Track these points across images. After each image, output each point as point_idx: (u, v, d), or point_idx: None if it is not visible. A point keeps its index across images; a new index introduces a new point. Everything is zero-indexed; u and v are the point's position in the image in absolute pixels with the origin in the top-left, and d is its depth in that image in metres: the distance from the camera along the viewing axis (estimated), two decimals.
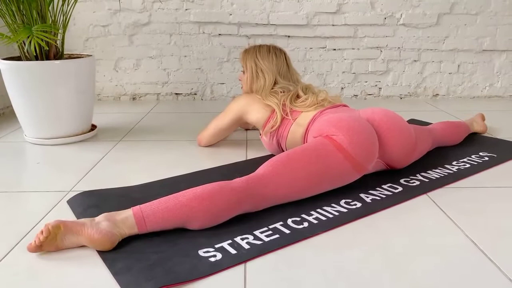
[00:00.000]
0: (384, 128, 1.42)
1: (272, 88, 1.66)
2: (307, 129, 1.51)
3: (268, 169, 1.24)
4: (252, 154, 1.75)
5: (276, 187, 1.21)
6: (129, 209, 1.11)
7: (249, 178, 1.21)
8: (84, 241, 1.04)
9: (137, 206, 1.11)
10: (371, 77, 2.84)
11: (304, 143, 1.51)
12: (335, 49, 2.76)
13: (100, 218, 1.08)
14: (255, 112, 1.65)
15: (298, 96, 1.64)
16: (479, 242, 1.09)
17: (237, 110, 1.71)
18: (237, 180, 1.20)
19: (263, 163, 1.29)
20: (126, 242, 1.07)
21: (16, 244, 1.09)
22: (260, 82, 1.68)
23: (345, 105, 1.62)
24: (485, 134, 2.02)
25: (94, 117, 2.12)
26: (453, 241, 1.10)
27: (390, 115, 1.47)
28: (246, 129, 2.12)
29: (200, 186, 1.15)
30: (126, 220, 1.08)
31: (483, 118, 2.09)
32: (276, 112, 1.59)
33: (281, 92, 1.64)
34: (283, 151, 1.61)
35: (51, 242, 1.03)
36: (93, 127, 2.08)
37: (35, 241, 1.03)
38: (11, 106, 1.93)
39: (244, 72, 1.76)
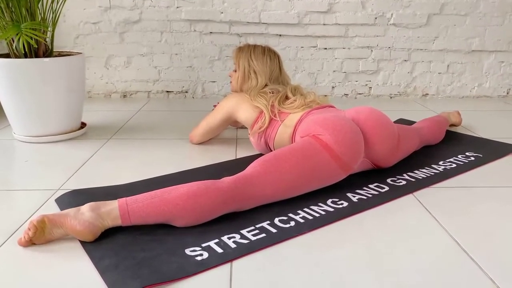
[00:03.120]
0: (369, 127, 1.43)
1: (262, 89, 1.67)
2: (294, 129, 1.52)
3: (256, 169, 1.25)
4: (242, 153, 1.76)
5: (263, 187, 1.22)
6: (115, 200, 1.12)
7: (236, 178, 1.22)
8: (69, 232, 1.07)
9: (123, 199, 1.12)
10: (362, 76, 2.86)
11: (291, 143, 1.53)
12: (326, 48, 2.78)
13: (85, 208, 1.10)
14: (244, 112, 1.66)
15: (287, 98, 1.65)
16: (462, 242, 1.11)
17: (226, 109, 1.72)
18: (224, 179, 1.21)
19: (252, 162, 1.30)
20: (113, 239, 1.08)
21: (4, 243, 1.09)
22: (251, 83, 1.69)
23: (331, 106, 1.64)
24: (472, 134, 2.04)
25: (84, 114, 2.11)
26: (437, 241, 1.12)
27: (375, 113, 1.48)
28: (237, 127, 2.13)
29: (187, 184, 1.16)
30: (111, 212, 1.09)
31: (459, 113, 2.17)
32: (265, 113, 1.60)
33: (270, 93, 1.65)
34: (271, 151, 1.62)
35: (40, 236, 1.06)
36: (83, 125, 2.08)
37: (24, 237, 1.06)
38: (0, 103, 1.92)
39: (235, 70, 1.76)
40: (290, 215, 1.22)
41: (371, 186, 1.42)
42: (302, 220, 1.19)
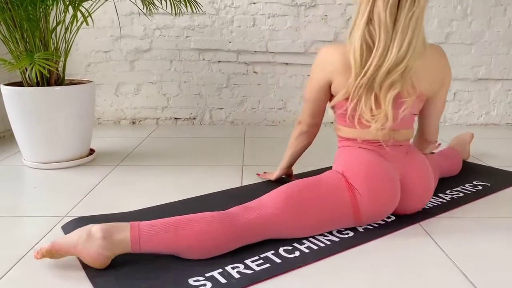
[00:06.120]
0: (414, 194, 1.34)
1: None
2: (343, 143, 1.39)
3: (277, 211, 1.19)
4: (248, 180, 1.77)
5: (280, 229, 1.20)
6: (127, 226, 1.09)
7: (257, 217, 1.17)
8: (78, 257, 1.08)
9: (136, 229, 1.08)
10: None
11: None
12: None
13: (97, 233, 1.06)
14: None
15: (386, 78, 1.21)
16: (469, 273, 1.09)
17: (318, 61, 1.35)
18: (242, 215, 1.17)
19: (261, 189, 1.27)
20: (117, 266, 1.08)
21: (9, 270, 1.10)
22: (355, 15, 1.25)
23: (404, 145, 1.36)
24: (480, 162, 2.03)
25: (94, 141, 2.14)
26: (443, 272, 1.10)
27: (426, 177, 1.36)
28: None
29: (203, 219, 1.12)
30: (123, 242, 1.07)
31: (472, 137, 2.05)
32: (352, 68, 1.22)
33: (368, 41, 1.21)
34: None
35: (52, 257, 1.08)
36: (92, 151, 2.10)
37: (36, 254, 1.07)
38: (11, 130, 1.96)
39: None
40: (295, 245, 1.21)
41: None
42: (307, 250, 1.18)
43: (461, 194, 1.61)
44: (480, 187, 1.68)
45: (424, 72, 1.27)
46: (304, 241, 1.23)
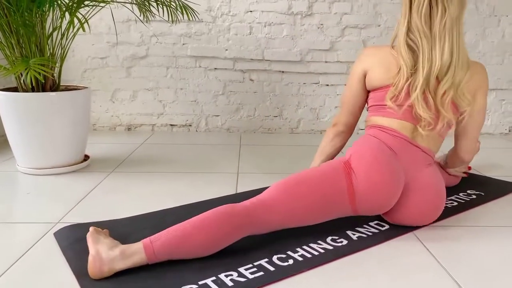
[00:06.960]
0: (411, 205, 1.33)
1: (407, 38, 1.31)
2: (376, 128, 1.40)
3: (273, 195, 1.24)
4: (243, 187, 1.76)
5: (277, 213, 1.22)
6: (140, 248, 1.10)
7: (255, 202, 1.22)
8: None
9: (147, 239, 1.11)
10: (363, 112, 2.88)
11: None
12: (327, 85, 2.82)
13: (116, 251, 1.08)
14: (378, 68, 1.37)
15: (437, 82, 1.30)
16: (462, 282, 1.09)
17: (357, 64, 1.44)
18: (241, 204, 1.21)
19: (256, 193, 1.28)
20: (112, 275, 1.07)
21: (0, 276, 1.08)
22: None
23: (429, 155, 1.40)
24: (474, 172, 2.04)
25: (88, 147, 2.14)
26: (437, 281, 1.10)
27: (436, 190, 1.36)
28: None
29: (208, 218, 1.15)
30: (136, 252, 1.09)
31: (478, 150, 2.03)
32: (401, 69, 1.30)
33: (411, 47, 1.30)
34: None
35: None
36: (86, 157, 2.09)
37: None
38: (5, 135, 1.95)
39: None
40: (289, 252, 1.21)
41: (371, 224, 1.41)
42: (300, 258, 1.18)
43: (455, 203, 1.61)
44: (474, 196, 1.69)
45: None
46: (298, 249, 1.23)
